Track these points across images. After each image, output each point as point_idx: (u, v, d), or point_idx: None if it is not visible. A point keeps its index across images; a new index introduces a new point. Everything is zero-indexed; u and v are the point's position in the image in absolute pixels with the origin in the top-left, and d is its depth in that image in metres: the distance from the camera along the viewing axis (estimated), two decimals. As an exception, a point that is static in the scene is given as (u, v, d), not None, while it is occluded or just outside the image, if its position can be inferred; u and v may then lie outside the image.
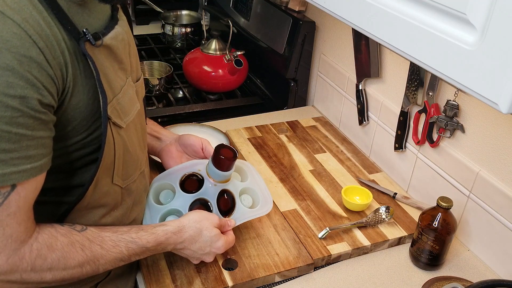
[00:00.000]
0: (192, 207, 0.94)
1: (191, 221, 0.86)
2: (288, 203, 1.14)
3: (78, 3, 0.69)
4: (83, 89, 0.70)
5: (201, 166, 0.99)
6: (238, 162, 1.01)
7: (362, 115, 1.33)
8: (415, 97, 1.13)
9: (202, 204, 0.95)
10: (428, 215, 0.97)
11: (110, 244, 0.76)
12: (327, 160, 1.31)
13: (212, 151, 0.99)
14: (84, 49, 0.67)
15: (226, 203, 0.97)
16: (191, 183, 0.98)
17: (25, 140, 0.61)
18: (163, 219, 0.94)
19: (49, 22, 0.63)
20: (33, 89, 0.60)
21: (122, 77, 0.80)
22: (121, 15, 0.82)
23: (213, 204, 0.95)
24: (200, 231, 0.86)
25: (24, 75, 0.59)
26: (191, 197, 0.95)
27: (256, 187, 1.03)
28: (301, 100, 1.62)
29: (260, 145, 1.36)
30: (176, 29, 1.95)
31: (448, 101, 1.04)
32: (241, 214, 0.97)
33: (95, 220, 0.80)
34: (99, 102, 0.71)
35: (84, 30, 0.67)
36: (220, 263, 0.95)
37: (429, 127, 1.10)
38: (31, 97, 0.60)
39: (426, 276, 0.98)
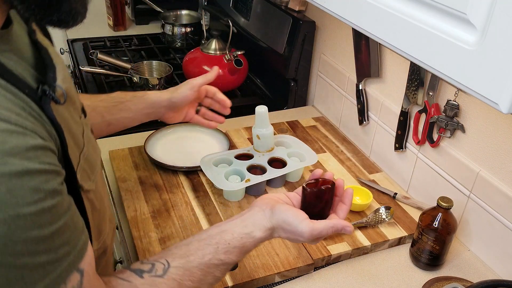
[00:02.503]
0: (250, 170, 1.14)
1: (280, 226, 0.76)
2: (288, 203, 1.13)
3: (9, 50, 0.55)
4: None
5: (248, 148, 1.21)
6: (279, 137, 1.28)
7: (362, 115, 1.33)
8: (415, 97, 1.13)
9: (257, 168, 1.16)
10: (428, 215, 0.97)
11: (200, 274, 0.71)
12: (327, 160, 1.31)
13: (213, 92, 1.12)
14: (52, 114, 0.54)
15: (277, 165, 1.17)
16: (243, 157, 1.19)
17: (70, 223, 0.54)
18: (226, 178, 1.11)
19: (12, 91, 0.51)
20: (54, 175, 0.52)
21: (78, 121, 0.67)
22: (40, 37, 0.64)
23: (267, 167, 1.15)
24: (289, 238, 0.78)
25: (40, 169, 0.49)
26: (246, 163, 1.15)
27: (300, 149, 1.23)
28: (301, 100, 1.62)
29: (260, 145, 1.35)
30: (176, 29, 1.95)
31: (448, 101, 1.04)
32: (293, 167, 1.17)
33: None
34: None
35: (45, 88, 0.54)
36: (220, 263, 0.95)
37: (429, 127, 1.10)
38: (58, 183, 0.52)
39: (427, 276, 0.98)
